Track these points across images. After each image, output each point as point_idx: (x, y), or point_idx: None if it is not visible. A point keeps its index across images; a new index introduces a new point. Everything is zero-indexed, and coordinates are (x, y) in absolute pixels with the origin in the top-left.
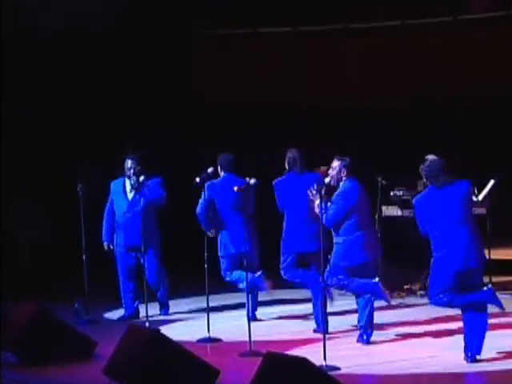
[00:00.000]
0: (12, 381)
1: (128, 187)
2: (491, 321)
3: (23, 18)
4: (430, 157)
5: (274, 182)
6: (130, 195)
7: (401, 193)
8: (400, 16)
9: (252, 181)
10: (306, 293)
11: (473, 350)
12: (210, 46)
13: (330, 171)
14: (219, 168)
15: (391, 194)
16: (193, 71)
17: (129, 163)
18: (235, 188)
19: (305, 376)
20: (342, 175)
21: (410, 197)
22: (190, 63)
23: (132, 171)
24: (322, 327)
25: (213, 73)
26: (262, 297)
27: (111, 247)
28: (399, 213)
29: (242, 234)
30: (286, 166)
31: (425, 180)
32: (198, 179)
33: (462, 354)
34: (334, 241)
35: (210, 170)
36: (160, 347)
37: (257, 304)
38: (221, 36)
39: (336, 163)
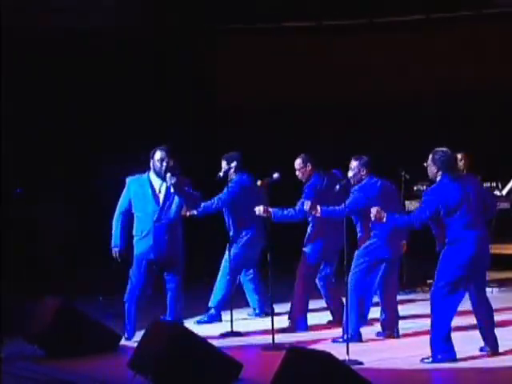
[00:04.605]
0: (37, 374)
1: (157, 187)
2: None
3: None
4: (443, 148)
5: None
6: (161, 197)
7: (424, 187)
8: (425, 10)
9: (275, 175)
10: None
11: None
12: (232, 41)
13: (349, 173)
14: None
15: (415, 188)
16: (215, 69)
17: (159, 154)
18: (259, 182)
19: (328, 370)
20: (362, 174)
21: None
22: (212, 61)
23: (165, 165)
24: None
25: (235, 70)
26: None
27: (122, 255)
28: None
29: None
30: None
31: (435, 171)
32: (220, 173)
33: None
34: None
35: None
36: (184, 341)
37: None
38: (243, 31)
39: (354, 163)
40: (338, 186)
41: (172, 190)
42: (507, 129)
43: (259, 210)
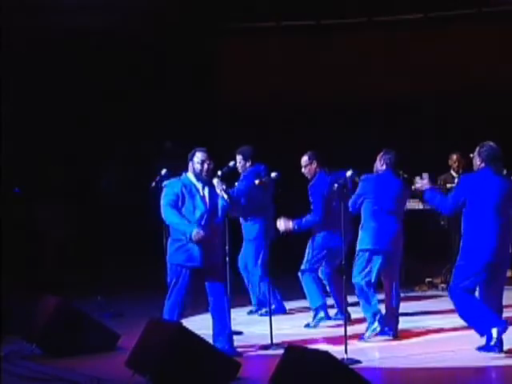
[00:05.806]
0: (36, 372)
1: (200, 189)
2: None
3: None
4: (490, 142)
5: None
6: (206, 200)
7: None
8: (424, 8)
9: (273, 174)
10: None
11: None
12: (233, 41)
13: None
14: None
15: (413, 187)
16: (216, 68)
17: (200, 156)
18: (256, 181)
19: (326, 369)
20: (381, 166)
21: None
22: (213, 60)
23: (206, 167)
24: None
25: (236, 69)
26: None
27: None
28: (421, 206)
29: None
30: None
31: (479, 163)
32: (219, 172)
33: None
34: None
35: (231, 163)
36: (182, 340)
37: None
38: (243, 30)
39: (380, 155)
40: (336, 185)
41: (225, 197)
42: (507, 129)
43: (280, 224)
